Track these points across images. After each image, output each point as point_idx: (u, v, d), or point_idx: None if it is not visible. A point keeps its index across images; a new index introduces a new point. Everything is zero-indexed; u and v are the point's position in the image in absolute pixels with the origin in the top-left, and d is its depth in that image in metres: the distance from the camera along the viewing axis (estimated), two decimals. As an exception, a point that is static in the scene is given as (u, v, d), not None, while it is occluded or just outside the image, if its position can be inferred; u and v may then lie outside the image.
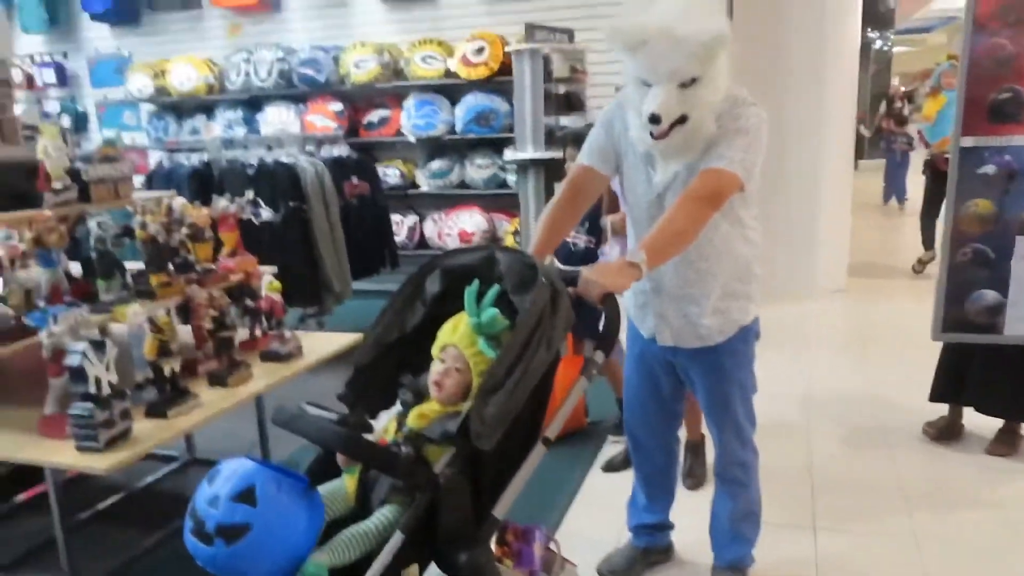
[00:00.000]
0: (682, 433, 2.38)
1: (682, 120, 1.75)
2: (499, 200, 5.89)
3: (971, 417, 3.21)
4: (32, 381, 2.29)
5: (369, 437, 1.49)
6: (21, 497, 2.97)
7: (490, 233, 5.89)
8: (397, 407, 1.56)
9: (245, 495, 1.24)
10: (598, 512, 2.77)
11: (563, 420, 1.48)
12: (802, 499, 2.81)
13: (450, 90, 5.83)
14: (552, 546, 1.75)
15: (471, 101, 5.70)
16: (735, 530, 2.21)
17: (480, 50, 5.57)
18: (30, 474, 2.73)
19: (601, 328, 1.54)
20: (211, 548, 1.23)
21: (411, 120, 5.86)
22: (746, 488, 2.17)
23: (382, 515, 1.38)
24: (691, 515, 2.43)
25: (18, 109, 2.96)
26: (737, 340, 2.02)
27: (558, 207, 2.00)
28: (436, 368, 1.49)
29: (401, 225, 6.13)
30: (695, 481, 2.91)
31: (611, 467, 3.08)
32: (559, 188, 2.07)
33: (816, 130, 5.36)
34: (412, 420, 1.46)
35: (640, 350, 2.19)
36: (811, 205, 5.44)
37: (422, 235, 6.16)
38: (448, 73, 5.72)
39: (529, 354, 1.36)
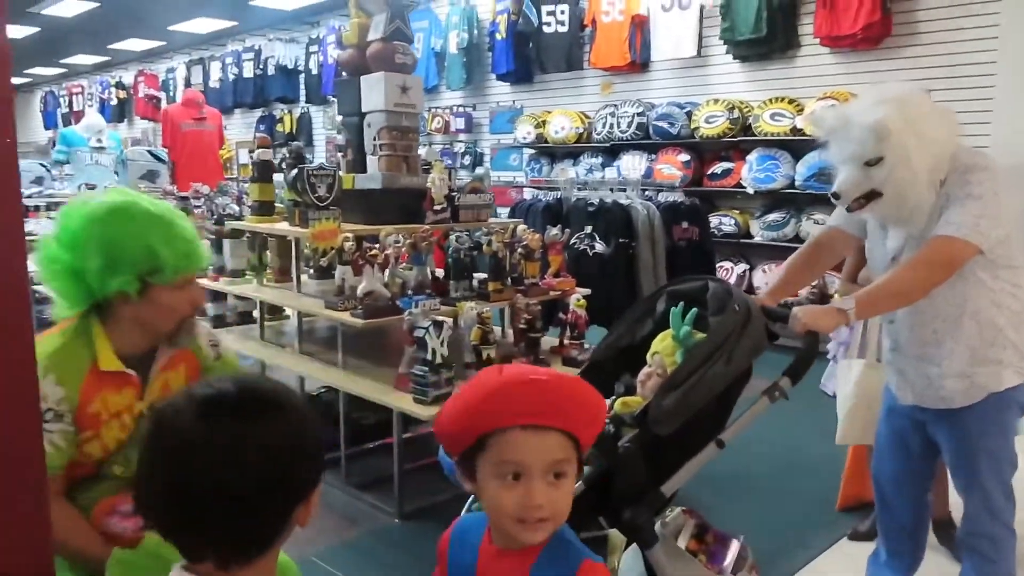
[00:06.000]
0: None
1: (875, 195, 1.87)
2: (834, 257, 5.77)
3: None
4: (398, 348, 3.12)
5: None
6: (377, 443, 3.79)
7: (819, 288, 5.77)
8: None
9: None
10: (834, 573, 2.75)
11: (739, 429, 1.73)
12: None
13: (795, 146, 5.91)
14: (748, 554, 1.96)
15: (814, 157, 5.72)
16: (976, 607, 2.11)
17: (831, 108, 5.57)
18: (386, 427, 3.56)
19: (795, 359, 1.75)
20: None
21: (752, 173, 6.07)
22: (994, 564, 2.06)
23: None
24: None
25: (422, 150, 3.95)
26: (987, 406, 1.97)
27: (795, 263, 2.22)
28: (644, 370, 1.85)
29: (731, 272, 6.34)
30: None
31: (857, 536, 2.96)
32: (804, 244, 2.26)
33: None
34: (618, 406, 1.84)
35: (889, 405, 2.24)
36: None
37: (751, 283, 6.29)
38: (795, 130, 5.82)
39: (708, 365, 1.65)
